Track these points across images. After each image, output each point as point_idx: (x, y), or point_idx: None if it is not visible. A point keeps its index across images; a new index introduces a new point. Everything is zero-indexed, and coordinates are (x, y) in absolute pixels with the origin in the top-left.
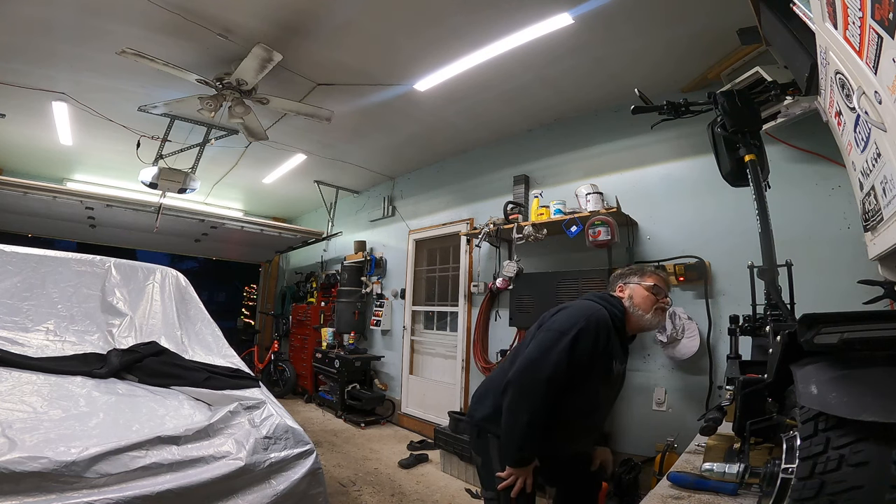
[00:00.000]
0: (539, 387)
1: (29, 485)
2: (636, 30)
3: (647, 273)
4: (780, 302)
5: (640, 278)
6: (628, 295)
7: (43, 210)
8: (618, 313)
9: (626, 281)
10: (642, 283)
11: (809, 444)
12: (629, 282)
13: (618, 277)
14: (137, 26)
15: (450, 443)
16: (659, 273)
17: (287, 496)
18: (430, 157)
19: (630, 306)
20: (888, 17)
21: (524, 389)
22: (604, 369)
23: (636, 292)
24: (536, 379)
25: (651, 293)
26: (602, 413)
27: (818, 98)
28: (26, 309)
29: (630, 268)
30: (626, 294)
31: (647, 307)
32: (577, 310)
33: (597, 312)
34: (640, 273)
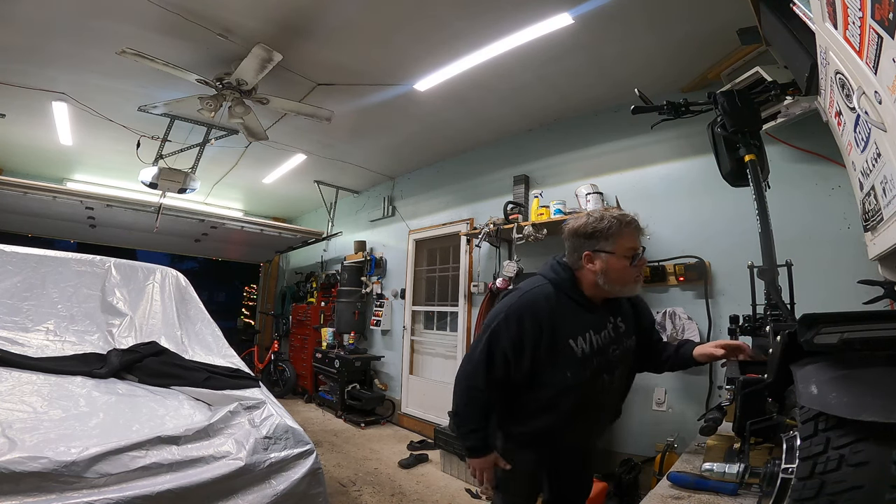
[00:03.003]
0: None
1: (29, 485)
2: (636, 30)
3: (619, 233)
4: (780, 302)
5: (613, 243)
6: (600, 269)
7: (43, 210)
8: (564, 283)
9: (596, 248)
10: (616, 253)
11: (809, 444)
12: (600, 250)
13: (581, 240)
14: (137, 26)
15: (450, 443)
16: (632, 225)
17: (287, 496)
18: (430, 157)
19: (604, 283)
20: (888, 17)
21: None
22: (564, 352)
23: (611, 265)
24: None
25: (628, 261)
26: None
27: (818, 98)
28: (26, 309)
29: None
30: (598, 268)
31: (626, 279)
32: (508, 298)
33: (529, 294)
34: (607, 234)
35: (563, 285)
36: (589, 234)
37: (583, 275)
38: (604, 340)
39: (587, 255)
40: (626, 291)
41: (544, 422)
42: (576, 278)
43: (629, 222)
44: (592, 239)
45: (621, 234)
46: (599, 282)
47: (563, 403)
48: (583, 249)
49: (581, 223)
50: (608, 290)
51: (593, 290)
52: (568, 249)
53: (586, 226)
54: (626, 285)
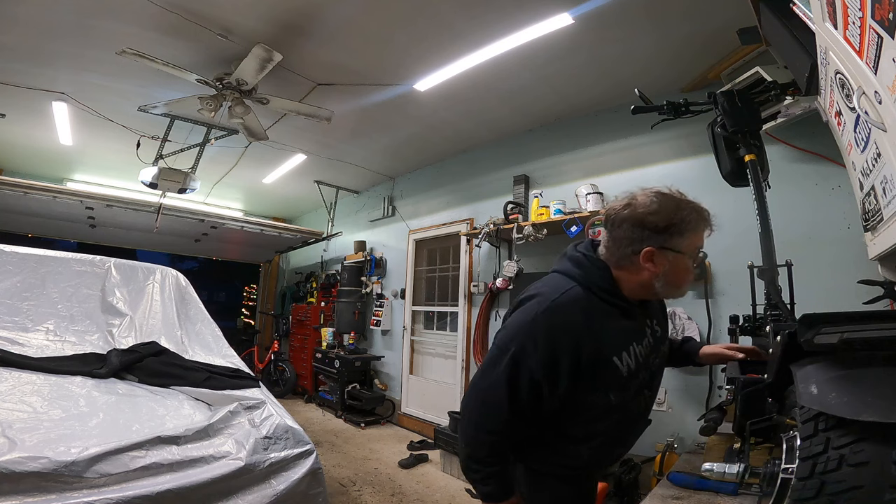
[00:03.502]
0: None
1: (29, 485)
2: (636, 30)
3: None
4: (780, 302)
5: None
6: (664, 271)
7: (43, 210)
8: (603, 285)
9: (666, 245)
10: (686, 251)
11: (809, 444)
12: (670, 248)
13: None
14: (137, 26)
15: (450, 443)
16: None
17: (287, 496)
18: (430, 157)
19: (661, 286)
20: (888, 17)
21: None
22: (607, 372)
23: (678, 267)
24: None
25: (693, 261)
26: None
27: (818, 98)
28: (26, 309)
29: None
30: (659, 269)
31: (683, 281)
32: (529, 308)
33: (556, 303)
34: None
35: (598, 286)
36: (662, 227)
37: (626, 274)
38: (645, 350)
39: (649, 252)
40: (677, 295)
41: (578, 454)
42: (613, 278)
43: (707, 215)
44: (664, 233)
45: (697, 230)
46: (657, 285)
47: (601, 431)
48: (645, 244)
49: (650, 208)
50: (657, 294)
51: (636, 293)
52: (614, 239)
53: (658, 214)
54: (681, 289)
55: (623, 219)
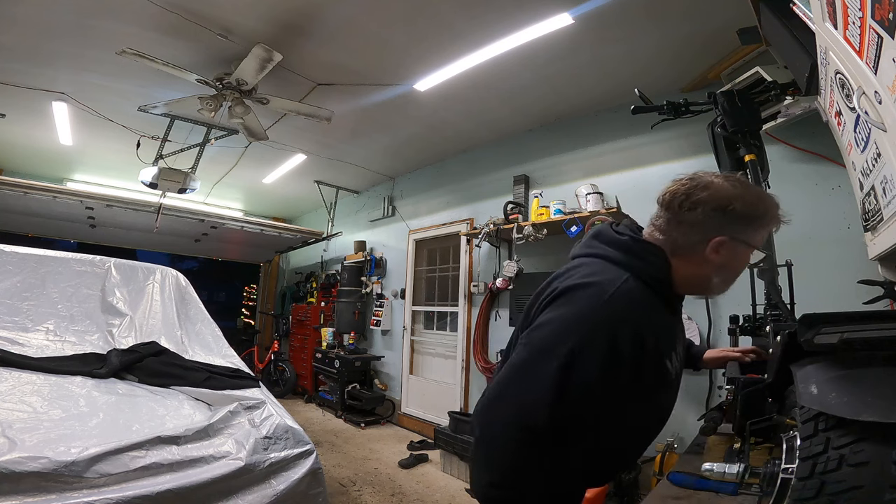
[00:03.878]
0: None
1: (29, 485)
2: (636, 30)
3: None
4: (780, 302)
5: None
6: (722, 261)
7: (43, 210)
8: (657, 276)
9: (738, 235)
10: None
11: (809, 444)
12: (741, 238)
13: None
14: (137, 26)
15: (450, 443)
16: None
17: (287, 496)
18: (430, 157)
19: (717, 282)
20: (888, 17)
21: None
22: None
23: (741, 260)
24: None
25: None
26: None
27: (818, 98)
28: (26, 309)
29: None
30: (722, 260)
31: (737, 276)
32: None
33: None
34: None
35: (654, 277)
36: (745, 216)
37: (683, 264)
38: (682, 351)
39: (719, 242)
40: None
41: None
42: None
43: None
44: (742, 223)
45: (771, 225)
46: (714, 280)
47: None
48: (720, 232)
49: (734, 192)
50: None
51: (684, 287)
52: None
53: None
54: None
55: (701, 201)
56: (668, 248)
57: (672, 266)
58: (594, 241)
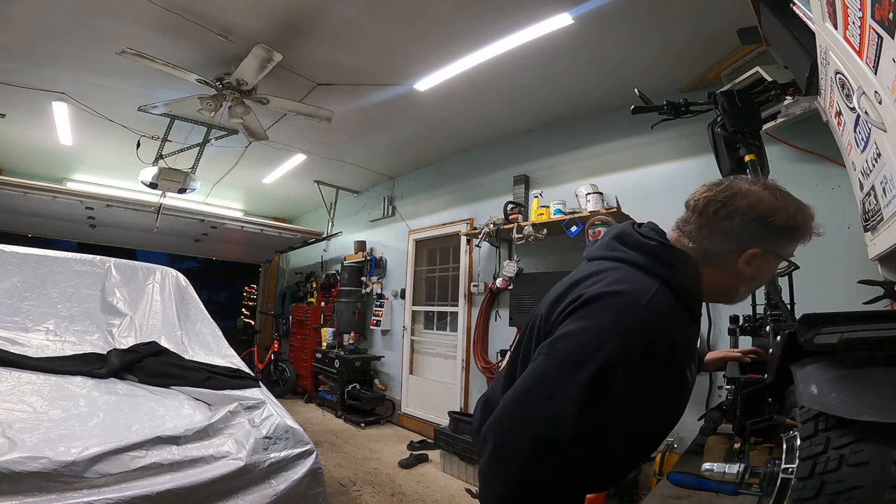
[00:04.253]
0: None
1: (29, 485)
2: (636, 30)
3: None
4: (780, 302)
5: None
6: (753, 271)
7: (43, 210)
8: (690, 289)
9: (769, 247)
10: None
11: (809, 444)
12: (772, 250)
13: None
14: (137, 26)
15: (450, 443)
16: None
17: (287, 496)
18: (430, 157)
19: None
20: (888, 17)
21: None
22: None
23: (769, 268)
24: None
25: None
26: None
27: (818, 98)
28: (26, 309)
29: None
30: (753, 272)
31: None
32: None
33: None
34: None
35: (686, 289)
36: (783, 228)
37: (712, 274)
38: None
39: (753, 254)
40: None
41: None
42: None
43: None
44: (779, 235)
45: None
46: (740, 290)
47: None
48: (754, 244)
49: (775, 205)
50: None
51: (708, 296)
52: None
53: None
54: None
55: (739, 211)
56: (698, 256)
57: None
58: (617, 244)
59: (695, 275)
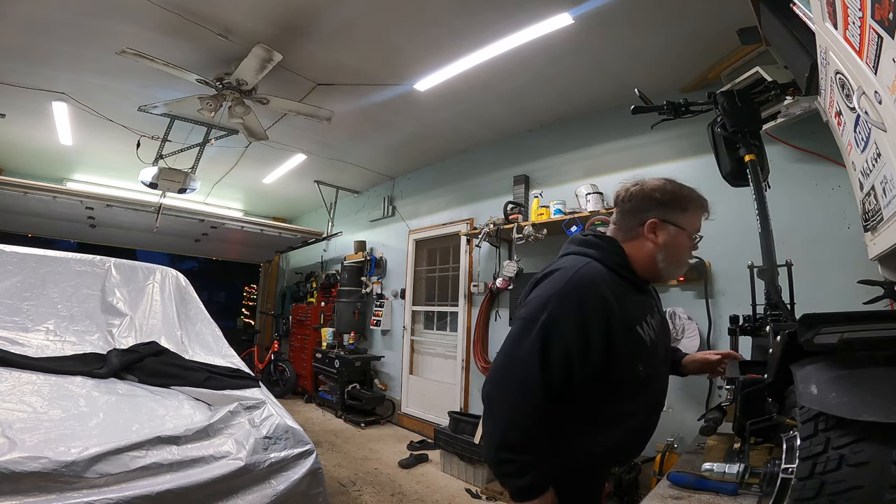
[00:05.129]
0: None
1: (29, 485)
2: (636, 30)
3: (692, 207)
4: (780, 302)
5: (688, 217)
6: (663, 242)
7: (43, 210)
8: (617, 260)
9: (667, 218)
10: (689, 227)
11: (809, 444)
12: (671, 221)
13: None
14: (137, 26)
15: (450, 443)
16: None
17: (287, 496)
18: (430, 157)
19: (661, 259)
20: (888, 17)
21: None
22: (634, 339)
23: (677, 242)
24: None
25: (691, 242)
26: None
27: (818, 98)
28: (26, 309)
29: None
30: (660, 240)
31: (683, 260)
32: (551, 280)
33: (581, 272)
34: (683, 207)
35: (614, 261)
36: (666, 200)
37: (633, 248)
38: (657, 326)
39: (653, 224)
40: (672, 276)
41: (613, 438)
42: (625, 253)
43: (705, 202)
44: (667, 207)
45: (696, 211)
46: (658, 258)
47: (637, 409)
48: (650, 215)
49: (658, 184)
50: (658, 271)
51: (643, 269)
52: (622, 213)
53: (664, 189)
54: (678, 269)
55: (633, 194)
56: (619, 236)
57: (626, 252)
58: (567, 245)
59: (618, 249)
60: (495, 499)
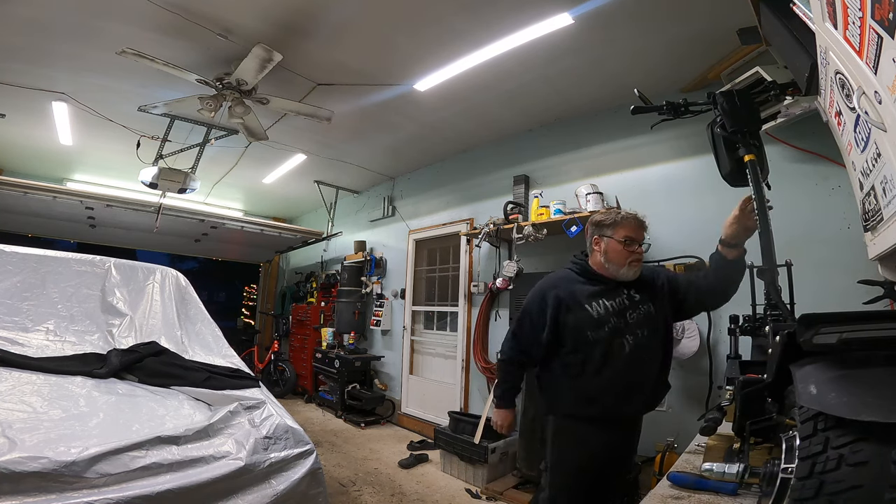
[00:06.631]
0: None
1: (29, 485)
2: (636, 30)
3: (619, 224)
4: (780, 302)
5: (614, 230)
6: (603, 249)
7: (43, 210)
8: (577, 268)
9: (601, 233)
10: (615, 237)
11: (809, 443)
12: (604, 234)
13: (594, 227)
14: (137, 26)
15: (450, 443)
16: (632, 220)
17: (287, 496)
18: (430, 157)
19: (605, 262)
20: (888, 17)
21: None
22: (577, 316)
23: (610, 247)
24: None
25: (623, 247)
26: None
27: (818, 98)
28: (26, 309)
29: (605, 215)
30: (601, 248)
31: (621, 261)
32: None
33: (549, 278)
34: (612, 224)
35: (578, 266)
36: (600, 223)
37: (593, 257)
38: (619, 305)
39: (595, 239)
40: (623, 272)
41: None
42: (587, 262)
43: (626, 216)
44: (601, 227)
45: (619, 224)
46: (602, 260)
47: (590, 364)
48: (594, 234)
49: (595, 218)
50: (609, 269)
51: (602, 269)
52: (587, 239)
53: (601, 216)
54: (621, 266)
55: (587, 223)
56: (588, 252)
57: (590, 261)
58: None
59: (583, 260)
60: (495, 499)
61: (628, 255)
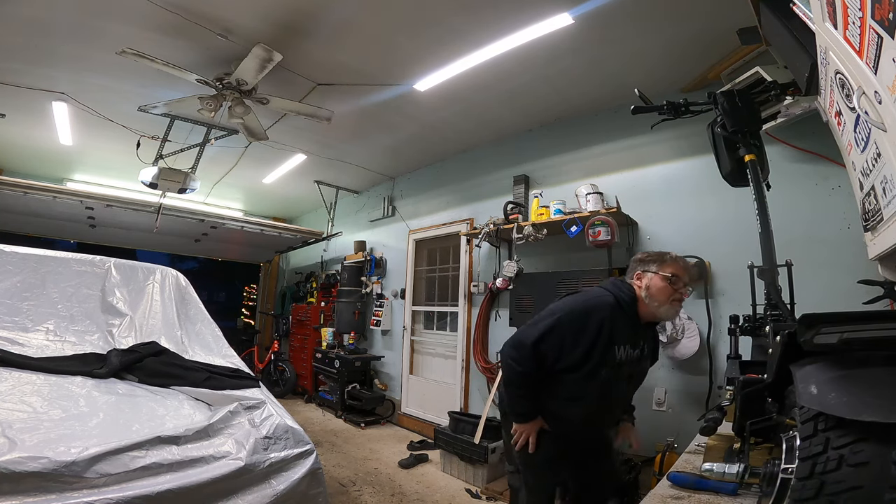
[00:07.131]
0: (524, 350)
1: (29, 485)
2: (636, 30)
3: (666, 261)
4: (780, 302)
5: (660, 267)
6: (645, 285)
7: (43, 210)
8: (626, 299)
9: (646, 269)
10: (660, 273)
11: (809, 444)
12: (648, 270)
13: (637, 263)
14: (137, 26)
15: (450, 443)
16: (680, 261)
17: (287, 496)
18: (430, 157)
19: (645, 296)
20: (888, 17)
21: (513, 353)
22: (604, 353)
23: (653, 283)
24: (522, 343)
25: (669, 284)
26: (614, 398)
27: (818, 98)
28: (26, 309)
29: (650, 254)
30: (643, 283)
31: (663, 299)
32: (580, 295)
33: (596, 299)
34: (659, 261)
35: (624, 300)
36: (645, 260)
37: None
38: (634, 357)
39: (638, 274)
40: (664, 311)
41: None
42: (636, 298)
43: (676, 257)
44: (646, 263)
45: (669, 263)
46: (643, 295)
47: (591, 393)
48: (637, 269)
49: (643, 253)
50: (651, 309)
51: (644, 313)
52: (627, 273)
53: (646, 255)
54: (663, 304)
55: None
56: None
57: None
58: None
59: (630, 294)
60: (495, 499)
61: (672, 292)
